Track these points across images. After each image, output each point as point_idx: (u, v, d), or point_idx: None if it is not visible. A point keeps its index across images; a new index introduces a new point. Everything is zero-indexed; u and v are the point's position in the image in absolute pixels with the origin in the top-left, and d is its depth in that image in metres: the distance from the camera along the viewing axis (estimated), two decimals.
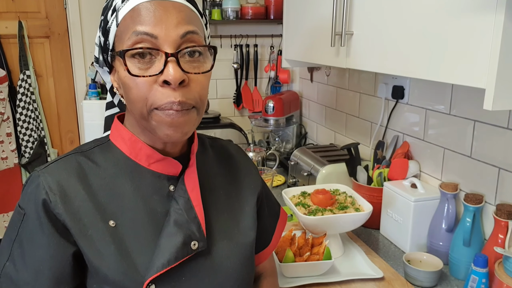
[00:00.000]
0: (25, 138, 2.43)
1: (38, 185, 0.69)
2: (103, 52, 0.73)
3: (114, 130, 0.77)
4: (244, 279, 0.79)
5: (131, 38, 0.66)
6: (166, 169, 0.75)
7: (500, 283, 0.98)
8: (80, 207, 0.69)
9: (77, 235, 0.68)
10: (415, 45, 0.98)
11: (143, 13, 0.66)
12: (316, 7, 1.45)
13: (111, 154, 0.75)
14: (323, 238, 1.22)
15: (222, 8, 2.30)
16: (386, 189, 1.41)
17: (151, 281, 0.68)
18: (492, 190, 1.20)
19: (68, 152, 0.75)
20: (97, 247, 0.68)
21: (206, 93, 0.72)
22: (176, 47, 0.66)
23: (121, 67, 0.67)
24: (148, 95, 0.66)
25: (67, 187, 0.69)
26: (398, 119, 1.60)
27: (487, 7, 0.78)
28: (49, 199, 0.67)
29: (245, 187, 0.87)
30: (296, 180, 1.86)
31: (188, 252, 0.71)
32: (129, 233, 0.70)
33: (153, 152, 0.74)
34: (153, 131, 0.69)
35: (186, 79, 0.66)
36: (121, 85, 0.70)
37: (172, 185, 0.75)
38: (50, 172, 0.70)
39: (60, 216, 0.67)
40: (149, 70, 0.66)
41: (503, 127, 1.15)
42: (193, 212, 0.73)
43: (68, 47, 2.45)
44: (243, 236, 0.81)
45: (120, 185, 0.72)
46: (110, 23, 0.69)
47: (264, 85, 2.59)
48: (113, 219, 0.70)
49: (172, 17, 0.66)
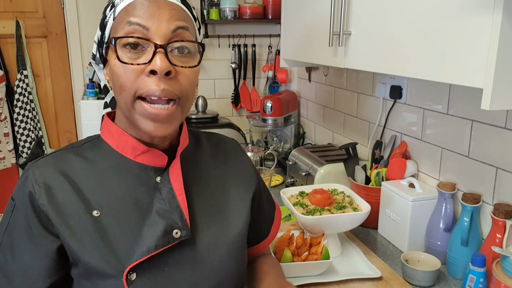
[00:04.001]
0: (23, 138, 2.43)
1: (26, 178, 0.72)
2: (99, 47, 0.76)
3: (104, 127, 0.80)
4: (232, 272, 0.79)
5: (124, 28, 0.69)
6: (152, 160, 0.77)
7: (498, 283, 0.98)
8: (65, 199, 0.72)
9: (59, 226, 0.70)
10: (413, 45, 0.98)
11: (138, 7, 0.69)
12: (314, 7, 1.45)
13: (100, 149, 0.78)
14: (321, 238, 1.22)
15: (220, 8, 2.30)
16: (384, 189, 1.41)
17: (133, 270, 0.69)
18: (490, 190, 1.20)
19: (60, 148, 0.79)
20: (78, 237, 0.70)
21: (192, 89, 0.74)
22: (166, 40, 0.69)
23: (113, 56, 0.70)
24: (134, 83, 0.68)
25: (52, 180, 0.72)
26: (396, 119, 1.61)
27: (485, 7, 0.78)
28: (34, 191, 0.70)
29: (239, 182, 0.88)
30: (294, 180, 1.86)
31: (170, 241, 0.72)
32: (113, 223, 0.72)
33: (138, 144, 0.76)
34: (136, 124, 0.71)
35: (172, 71, 0.69)
36: (111, 75, 0.73)
37: (159, 176, 0.77)
38: (39, 166, 0.74)
39: (43, 206, 0.70)
40: (138, 60, 0.69)
41: (501, 127, 1.16)
42: (175, 201, 0.74)
43: (66, 47, 2.44)
44: (232, 229, 0.81)
45: (106, 177, 0.75)
46: (108, 17, 0.73)
47: (262, 85, 2.59)
48: (97, 209, 0.72)
49: (165, 13, 0.69)
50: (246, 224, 0.84)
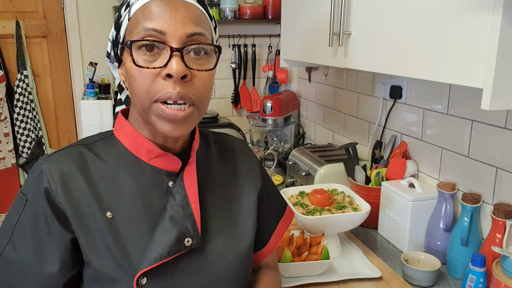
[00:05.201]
0: (23, 138, 2.43)
1: (41, 172, 0.71)
2: (114, 46, 0.76)
3: (118, 125, 0.79)
4: (239, 277, 0.79)
5: (140, 33, 0.68)
6: (166, 164, 0.76)
7: (498, 283, 0.98)
8: (80, 197, 0.71)
9: (75, 224, 0.69)
10: (413, 45, 0.98)
11: (153, 9, 0.68)
12: (314, 7, 1.45)
13: (113, 148, 0.77)
14: (321, 238, 1.22)
15: (220, 8, 2.30)
16: (384, 189, 1.41)
17: (143, 274, 0.69)
18: (490, 190, 1.20)
19: (72, 143, 0.77)
20: (92, 238, 0.69)
21: (208, 92, 0.73)
22: (182, 43, 0.68)
23: (128, 58, 0.70)
24: (150, 86, 0.68)
25: (68, 177, 0.71)
26: (396, 119, 1.61)
27: (485, 7, 0.78)
28: (50, 188, 0.69)
29: (245, 185, 0.87)
30: (294, 180, 1.86)
31: (181, 248, 0.72)
32: (125, 225, 0.71)
33: (154, 147, 0.75)
34: (153, 125, 0.71)
35: (188, 74, 0.68)
36: (127, 77, 0.72)
37: (171, 181, 0.76)
38: (53, 161, 0.72)
39: (61, 204, 0.69)
40: (154, 63, 0.68)
41: (501, 127, 1.16)
42: (189, 209, 0.74)
43: (66, 47, 2.44)
44: (240, 235, 0.81)
45: (120, 178, 0.74)
46: (123, 17, 0.72)
47: (262, 85, 2.59)
48: (111, 210, 0.72)
49: (181, 15, 0.68)
50: (252, 229, 0.83)
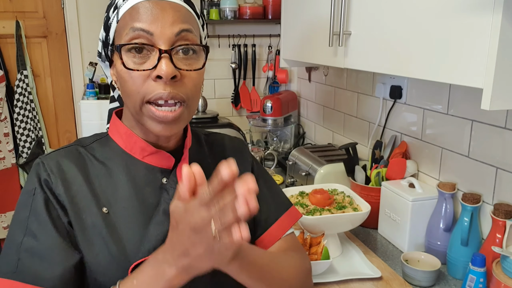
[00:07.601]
0: (23, 138, 2.43)
1: (39, 167, 0.73)
2: (104, 47, 0.77)
3: (112, 125, 0.81)
4: None
5: (129, 34, 0.69)
6: (159, 162, 0.78)
7: (498, 283, 0.98)
8: (78, 192, 0.73)
9: (73, 218, 0.71)
10: (413, 45, 0.98)
11: (141, 11, 0.69)
12: (314, 7, 1.45)
13: (109, 148, 0.79)
14: (321, 238, 1.22)
15: (220, 8, 2.30)
16: (384, 189, 1.41)
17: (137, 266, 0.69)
18: (490, 190, 1.20)
19: (69, 144, 0.80)
20: (88, 233, 0.71)
21: (197, 90, 0.75)
22: (170, 44, 0.70)
23: (118, 61, 0.71)
24: (141, 88, 0.70)
25: (67, 171, 0.74)
26: (396, 119, 1.61)
27: (485, 7, 0.78)
28: (50, 180, 0.72)
29: None
30: (294, 180, 1.86)
31: None
32: (120, 221, 0.73)
33: (147, 145, 0.77)
34: (145, 125, 0.73)
35: (178, 74, 0.70)
36: (118, 78, 0.74)
37: (165, 177, 0.78)
38: (52, 158, 0.75)
39: (60, 197, 0.72)
40: (143, 65, 0.70)
41: (501, 127, 1.16)
42: None
43: (66, 47, 2.44)
44: None
45: (115, 176, 0.76)
46: (111, 19, 0.73)
47: (262, 85, 2.59)
48: (106, 206, 0.73)
49: (169, 16, 0.69)
50: None
